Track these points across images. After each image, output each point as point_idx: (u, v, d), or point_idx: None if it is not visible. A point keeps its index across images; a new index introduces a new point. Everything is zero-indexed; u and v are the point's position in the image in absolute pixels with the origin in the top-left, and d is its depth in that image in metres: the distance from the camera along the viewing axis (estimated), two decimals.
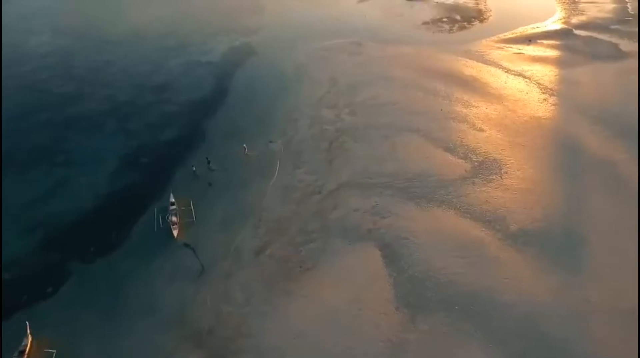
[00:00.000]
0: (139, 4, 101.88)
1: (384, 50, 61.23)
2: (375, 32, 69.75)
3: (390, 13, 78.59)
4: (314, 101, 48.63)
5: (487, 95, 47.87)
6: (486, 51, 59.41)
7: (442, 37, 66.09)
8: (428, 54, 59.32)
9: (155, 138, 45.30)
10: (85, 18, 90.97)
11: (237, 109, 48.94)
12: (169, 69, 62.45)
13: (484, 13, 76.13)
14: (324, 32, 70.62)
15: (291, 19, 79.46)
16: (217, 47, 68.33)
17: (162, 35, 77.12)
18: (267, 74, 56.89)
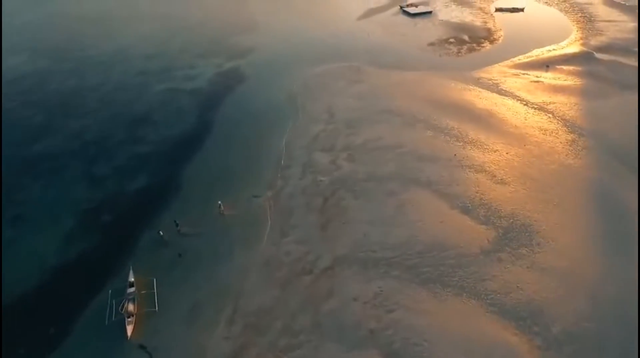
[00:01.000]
0: (129, 20, 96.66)
1: (387, 76, 55.11)
2: (377, 54, 63.80)
3: (393, 32, 72.66)
4: (308, 140, 42.37)
5: (506, 135, 41.52)
6: (500, 79, 53.23)
7: (450, 61, 59.96)
8: (436, 82, 53.17)
9: (122, 187, 39.03)
10: (70, 35, 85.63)
11: (219, 151, 42.69)
12: (149, 97, 56.52)
13: (494, 33, 70.12)
14: (321, 54, 64.81)
15: (286, 38, 73.63)
16: (203, 72, 62.44)
17: (148, 56, 71.61)
18: (256, 105, 50.75)
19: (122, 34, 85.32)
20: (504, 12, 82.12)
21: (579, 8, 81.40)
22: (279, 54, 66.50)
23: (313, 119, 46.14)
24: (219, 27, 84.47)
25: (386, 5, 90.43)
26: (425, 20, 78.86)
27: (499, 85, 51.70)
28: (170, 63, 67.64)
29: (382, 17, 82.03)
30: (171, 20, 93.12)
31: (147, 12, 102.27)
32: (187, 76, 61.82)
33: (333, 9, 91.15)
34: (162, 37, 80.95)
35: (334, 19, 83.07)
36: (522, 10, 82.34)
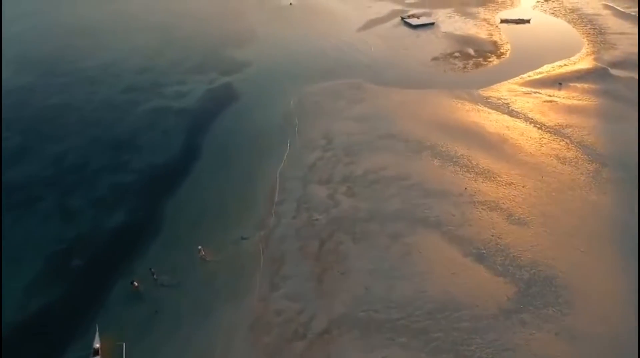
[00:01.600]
0: (123, 30, 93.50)
1: (389, 95, 51.53)
2: (378, 69, 60.31)
3: (395, 45, 69.20)
4: (304, 170, 38.66)
5: (521, 164, 37.77)
6: (511, 98, 49.61)
7: (456, 78, 56.38)
8: (442, 101, 49.56)
9: (97, 225, 35.31)
10: (60, 47, 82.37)
11: (206, 182, 38.95)
12: (135, 117, 52.95)
13: (500, 47, 66.65)
14: (320, 69, 61.37)
15: (283, 51, 70.19)
16: (194, 89, 58.88)
17: (137, 71, 68.21)
18: (248, 128, 47.12)
19: (114, 46, 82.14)
20: (509, 23, 78.75)
21: (588, 19, 78.04)
22: (275, 69, 63.03)
23: (309, 144, 42.46)
24: (214, 38, 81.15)
25: (387, 16, 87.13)
26: (427, 32, 75.46)
27: (510, 105, 48.06)
28: (160, 78, 64.22)
29: (383, 29, 78.66)
30: (165, 30, 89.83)
31: (142, 22, 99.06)
32: (177, 93, 58.29)
33: (332, 19, 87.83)
34: (154, 49, 77.63)
35: (333, 30, 79.71)
36: (528, 22, 78.97)
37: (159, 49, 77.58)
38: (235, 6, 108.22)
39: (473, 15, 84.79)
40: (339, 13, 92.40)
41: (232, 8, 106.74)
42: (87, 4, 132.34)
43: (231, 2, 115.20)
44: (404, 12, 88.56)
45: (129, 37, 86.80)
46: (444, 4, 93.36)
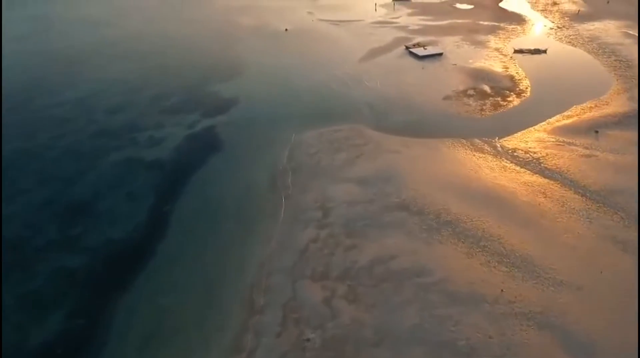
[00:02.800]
0: (103, 59, 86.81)
1: (397, 146, 43.82)
2: (383, 111, 52.90)
3: (400, 80, 61.98)
4: (293, 258, 30.53)
5: (569, 251, 29.70)
6: (541, 151, 41.81)
7: (473, 123, 48.80)
8: (459, 155, 41.78)
9: (23, 335, 26.80)
10: (35, 79, 75.49)
11: (170, 275, 30.79)
12: (99, 172, 45.17)
13: (519, 82, 59.34)
14: (316, 110, 53.95)
15: (275, 88, 62.87)
16: (171, 135, 51.24)
17: (113, 108, 60.92)
18: (227, 193, 39.17)
19: (96, 76, 75.29)
20: (524, 54, 71.90)
21: (610, 50, 71.14)
22: (265, 110, 55.59)
23: (302, 217, 34.41)
24: (201, 69, 74.15)
25: (390, 44, 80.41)
26: (435, 63, 68.39)
27: (541, 161, 40.19)
28: (136, 119, 56.77)
29: (386, 60, 71.69)
30: (149, 59, 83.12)
31: (129, 50, 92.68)
32: (152, 139, 50.64)
33: (331, 48, 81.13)
34: (133, 82, 70.54)
35: (332, 60, 72.80)
36: (544, 52, 72.14)
37: (142, 81, 70.57)
38: (229, 31, 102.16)
39: (483, 44, 78.04)
40: (338, 41, 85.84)
41: (225, 33, 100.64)
42: (77, 28, 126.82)
43: (225, 26, 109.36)
44: (407, 40, 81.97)
45: (112, 67, 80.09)
46: (450, 31, 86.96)
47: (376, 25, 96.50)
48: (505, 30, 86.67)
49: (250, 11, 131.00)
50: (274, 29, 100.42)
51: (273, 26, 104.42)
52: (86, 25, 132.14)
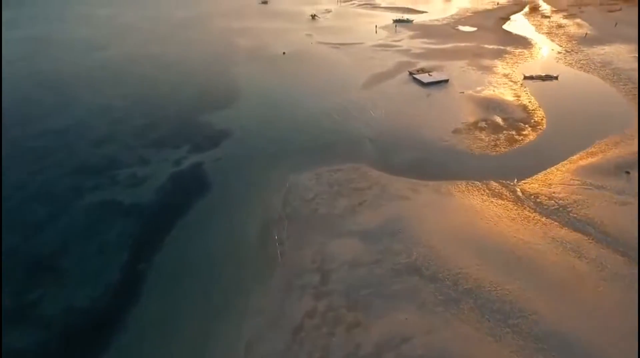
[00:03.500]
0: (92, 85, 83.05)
1: (404, 191, 39.02)
2: (387, 146, 48.38)
3: (405, 110, 57.78)
4: (285, 339, 25.37)
5: (621, 338, 24.35)
6: (567, 197, 37.01)
7: (487, 161, 44.14)
8: (475, 202, 36.99)
9: None
10: (19, 105, 71.39)
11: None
12: (72, 218, 40.41)
13: (533, 113, 55.07)
14: (314, 144, 49.54)
15: (270, 118, 58.59)
16: (156, 173, 46.58)
17: (96, 141, 56.56)
18: (214, 246, 34.28)
19: (77, 105, 71.27)
20: (534, 80, 68.06)
21: (626, 77, 67.22)
22: (259, 144, 51.11)
23: (296, 283, 29.34)
24: (193, 96, 70.18)
25: (392, 69, 76.72)
26: (441, 91, 64.31)
27: (570, 210, 35.35)
28: (119, 153, 52.25)
29: (389, 87, 67.72)
30: (139, 84, 79.37)
31: (121, 73, 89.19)
32: (134, 178, 45.91)
33: (330, 73, 77.43)
34: (121, 110, 66.46)
35: (331, 87, 68.84)
36: (556, 79, 68.31)
37: (130, 109, 66.48)
38: (225, 54, 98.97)
39: (490, 69, 74.29)
40: (337, 65, 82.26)
41: (221, 56, 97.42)
42: (69, 51, 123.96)
43: (222, 49, 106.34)
44: (410, 65, 78.34)
45: (100, 93, 76.29)
46: (454, 55, 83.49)
47: (377, 49, 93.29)
48: (512, 55, 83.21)
49: (249, 33, 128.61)
50: (272, 52, 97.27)
51: (271, 49, 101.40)
52: (80, 47, 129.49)
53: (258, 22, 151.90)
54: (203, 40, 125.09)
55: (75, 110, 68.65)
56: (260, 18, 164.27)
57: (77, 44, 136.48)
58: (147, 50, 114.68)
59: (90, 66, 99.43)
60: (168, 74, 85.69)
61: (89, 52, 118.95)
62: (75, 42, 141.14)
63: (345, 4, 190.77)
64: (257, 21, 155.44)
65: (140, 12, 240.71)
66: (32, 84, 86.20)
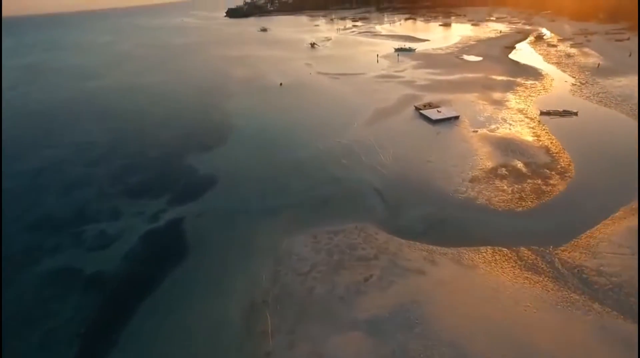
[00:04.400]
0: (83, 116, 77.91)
1: (418, 259, 32.56)
2: (395, 198, 42.17)
3: (413, 154, 51.85)
4: None
5: None
6: (622, 273, 30.55)
7: (514, 221, 37.69)
8: (506, 279, 30.36)
9: None
10: None
11: None
12: (17, 294, 33.64)
13: (558, 156, 49.04)
14: (311, 196, 43.46)
15: (263, 162, 52.60)
16: (128, 230, 40.40)
17: (67, 186, 51.00)
18: (179, 348, 26.96)
19: (55, 142, 66.14)
20: (552, 116, 62.51)
21: None
22: (248, 195, 44.84)
23: None
24: (179, 133, 64.56)
25: (397, 104, 71.47)
26: (452, 129, 58.59)
27: (626, 290, 28.49)
28: (89, 204, 46.10)
29: (395, 124, 62.17)
30: (124, 119, 74.16)
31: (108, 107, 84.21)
32: (101, 237, 39.49)
33: (330, 108, 72.13)
34: (100, 148, 60.90)
35: (331, 125, 63.31)
36: (575, 114, 62.74)
37: (109, 148, 60.77)
38: (219, 85, 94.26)
39: (502, 104, 68.94)
40: (338, 98, 77.08)
41: (214, 87, 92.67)
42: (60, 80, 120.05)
43: (216, 79, 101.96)
44: (416, 98, 73.11)
45: (81, 128, 71.04)
46: (462, 88, 78.48)
47: (380, 80, 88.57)
48: (524, 87, 78.14)
49: (246, 61, 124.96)
50: (268, 83, 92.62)
51: (267, 79, 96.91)
52: (72, 76, 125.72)
53: (256, 50, 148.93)
54: (197, 69, 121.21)
55: (52, 148, 63.02)
56: (259, 46, 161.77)
57: (69, 72, 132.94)
58: (139, 80, 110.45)
59: (78, 97, 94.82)
60: (157, 107, 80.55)
61: (80, 81, 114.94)
62: (68, 70, 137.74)
63: (345, 32, 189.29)
64: (255, 49, 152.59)
65: (139, 40, 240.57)
66: (14, 115, 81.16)
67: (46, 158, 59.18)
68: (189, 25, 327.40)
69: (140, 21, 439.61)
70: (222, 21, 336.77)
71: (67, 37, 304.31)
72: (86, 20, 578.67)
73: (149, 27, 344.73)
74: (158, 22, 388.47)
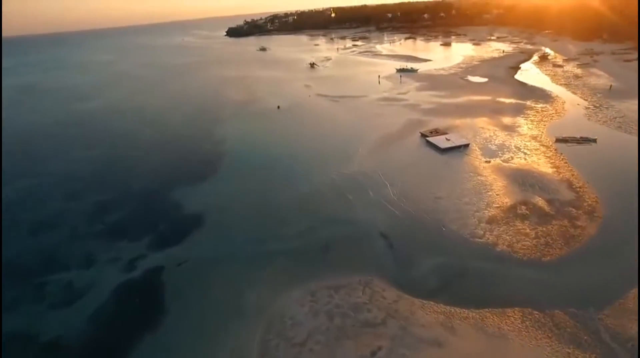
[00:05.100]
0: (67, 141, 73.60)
1: (435, 326, 27.44)
2: (405, 245, 37.09)
3: (422, 190, 47.01)
4: None
5: None
6: None
7: (543, 274, 32.55)
8: (544, 354, 24.59)
9: None
10: None
11: None
12: None
13: (581, 191, 44.26)
14: (308, 243, 38.03)
15: (254, 199, 47.72)
16: (99, 282, 35.30)
17: (36, 225, 46.79)
18: None
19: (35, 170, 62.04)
20: (569, 144, 57.90)
21: None
22: (237, 239, 39.88)
23: None
24: (167, 164, 59.92)
25: (402, 129, 67.21)
26: (462, 159, 53.95)
27: None
28: (61, 246, 41.47)
29: (400, 153, 57.65)
30: (111, 146, 69.73)
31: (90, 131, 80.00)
32: (67, 291, 34.54)
33: (331, 134, 67.78)
34: (80, 179, 56.57)
35: (333, 153, 58.81)
36: (594, 142, 58.17)
37: (91, 179, 56.18)
38: (214, 109, 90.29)
39: (514, 129, 64.54)
40: (339, 123, 72.81)
41: (209, 111, 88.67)
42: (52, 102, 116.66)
43: (212, 102, 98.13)
44: (421, 123, 68.80)
45: (65, 155, 66.67)
46: (470, 112, 74.30)
47: (382, 103, 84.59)
48: (535, 111, 73.91)
49: (243, 83, 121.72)
50: (265, 106, 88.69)
51: (265, 102, 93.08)
52: (65, 97, 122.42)
53: (254, 70, 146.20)
54: (193, 91, 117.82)
55: (28, 178, 58.26)
56: (257, 66, 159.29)
57: (63, 93, 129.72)
58: (132, 101, 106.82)
59: (66, 120, 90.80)
60: (147, 132, 76.28)
61: (72, 102, 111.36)
62: (62, 91, 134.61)
63: (345, 51, 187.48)
64: (254, 69, 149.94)
65: (139, 59, 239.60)
66: None
67: (19, 189, 54.46)
68: (190, 44, 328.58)
69: (142, 40, 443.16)
70: (222, 40, 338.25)
71: (69, 56, 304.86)
72: (90, 39, 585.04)
73: (150, 46, 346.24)
74: (159, 42, 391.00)
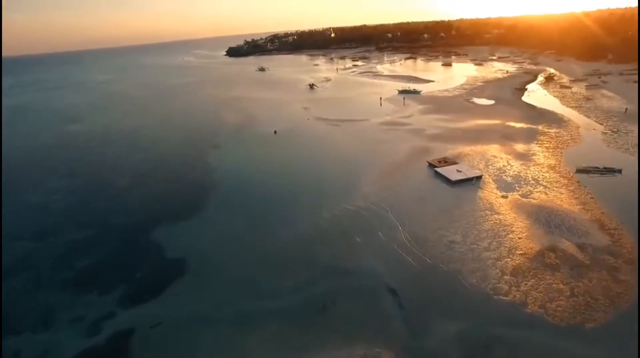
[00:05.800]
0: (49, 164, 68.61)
1: None
2: (419, 304, 31.25)
3: (435, 234, 41.55)
4: None
5: None
6: None
7: (590, 349, 26.70)
8: None
9: None
10: None
11: None
12: None
13: (615, 234, 39.03)
14: (303, 299, 32.61)
15: (244, 242, 42.35)
16: (51, 353, 28.91)
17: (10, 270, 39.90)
18: None
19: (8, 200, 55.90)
20: (591, 175, 52.74)
21: None
22: (221, 293, 34.43)
23: None
24: (150, 198, 54.68)
25: (407, 157, 62.28)
26: (476, 194, 48.76)
27: None
28: (12, 303, 35.37)
29: (407, 186, 52.49)
30: (92, 175, 64.66)
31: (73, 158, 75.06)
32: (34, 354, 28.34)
33: (331, 164, 62.68)
34: (52, 216, 51.66)
35: (334, 185, 53.66)
36: (619, 172, 53.03)
37: (66, 214, 51.13)
38: (207, 133, 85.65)
39: (529, 158, 59.57)
40: (340, 151, 67.92)
41: (201, 136, 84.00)
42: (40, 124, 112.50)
43: (205, 126, 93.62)
44: (428, 151, 63.96)
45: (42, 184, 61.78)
46: (479, 138, 69.54)
47: (385, 128, 79.99)
48: (548, 136, 69.16)
49: (239, 104, 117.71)
50: (261, 130, 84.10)
51: (261, 125, 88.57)
52: (54, 118, 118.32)
53: (251, 92, 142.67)
54: (186, 113, 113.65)
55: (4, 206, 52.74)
56: (255, 87, 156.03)
57: (54, 114, 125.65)
58: (122, 124, 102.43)
59: (51, 144, 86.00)
60: (133, 158, 71.33)
61: (61, 124, 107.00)
62: (53, 112, 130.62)
63: (345, 72, 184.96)
64: (251, 90, 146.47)
65: (137, 79, 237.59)
66: None
67: None
68: (189, 64, 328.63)
69: (144, 60, 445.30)
70: (222, 60, 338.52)
71: (68, 75, 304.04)
72: (92, 58, 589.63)
73: (151, 65, 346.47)
74: (160, 61, 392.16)
